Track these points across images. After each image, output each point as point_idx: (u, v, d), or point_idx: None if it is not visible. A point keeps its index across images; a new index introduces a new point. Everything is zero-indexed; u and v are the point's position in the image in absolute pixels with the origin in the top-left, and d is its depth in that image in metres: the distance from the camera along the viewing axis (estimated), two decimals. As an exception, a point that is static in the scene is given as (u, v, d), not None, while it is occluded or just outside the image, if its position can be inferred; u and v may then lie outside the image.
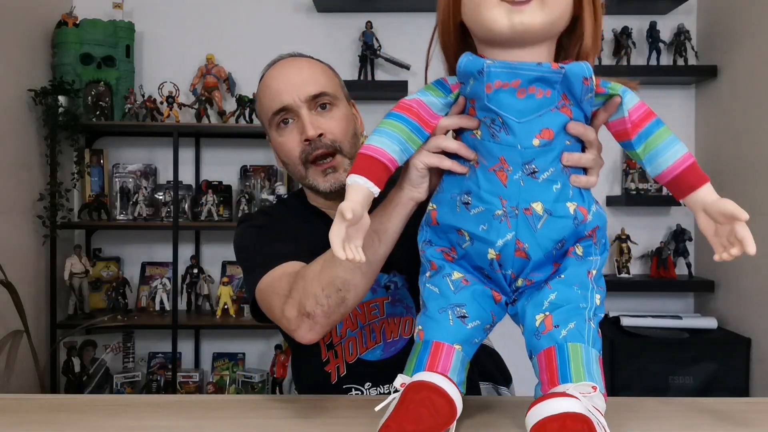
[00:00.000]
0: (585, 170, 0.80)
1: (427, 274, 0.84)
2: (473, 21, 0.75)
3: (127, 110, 2.61)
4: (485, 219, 0.77)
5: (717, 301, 2.64)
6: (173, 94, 2.63)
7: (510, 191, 0.75)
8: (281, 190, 2.66)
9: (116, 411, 0.93)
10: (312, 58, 1.17)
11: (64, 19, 2.61)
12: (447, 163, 0.81)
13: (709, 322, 2.56)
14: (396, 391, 0.77)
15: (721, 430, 0.83)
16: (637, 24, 2.74)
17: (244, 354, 2.78)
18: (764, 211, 2.31)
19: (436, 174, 0.85)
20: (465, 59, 0.77)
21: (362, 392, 1.13)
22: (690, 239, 2.72)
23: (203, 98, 2.64)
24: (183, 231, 2.68)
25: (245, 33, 2.79)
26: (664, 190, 2.52)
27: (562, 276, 0.78)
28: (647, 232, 2.79)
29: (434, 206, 0.83)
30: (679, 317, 2.60)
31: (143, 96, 2.65)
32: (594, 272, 0.79)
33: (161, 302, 2.69)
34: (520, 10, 0.71)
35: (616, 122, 0.77)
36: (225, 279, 2.68)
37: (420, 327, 0.82)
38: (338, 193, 1.10)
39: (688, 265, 2.71)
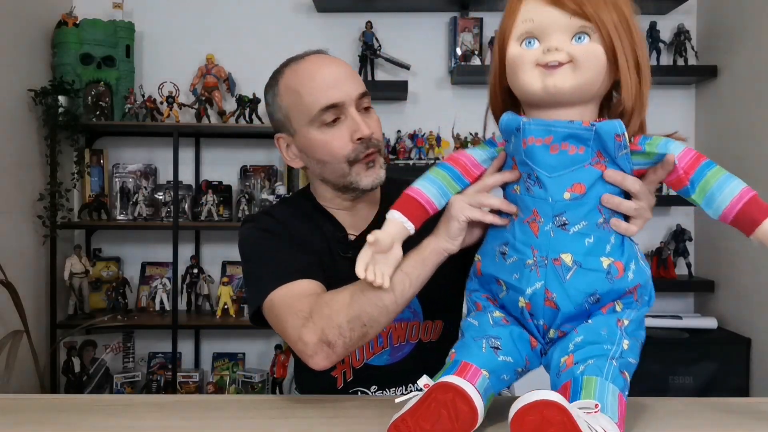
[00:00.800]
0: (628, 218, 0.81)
1: (471, 314, 0.88)
2: (513, 84, 0.81)
3: (127, 110, 2.61)
4: (518, 268, 0.81)
5: (717, 301, 2.64)
6: (173, 94, 2.63)
7: (541, 241, 0.79)
8: (281, 190, 2.66)
9: (116, 411, 0.93)
10: None
11: (64, 19, 2.61)
12: (489, 218, 0.85)
13: (709, 322, 2.56)
14: (419, 390, 0.77)
15: (721, 430, 0.83)
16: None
17: (244, 354, 2.77)
18: (764, 211, 2.31)
19: (480, 228, 0.90)
20: (506, 117, 0.84)
21: (368, 395, 1.13)
22: (690, 239, 2.72)
23: (203, 98, 2.64)
24: (183, 231, 2.68)
25: (245, 33, 2.79)
26: (664, 190, 2.52)
27: (590, 321, 0.79)
28: (647, 232, 2.78)
29: (479, 258, 0.88)
30: (679, 317, 2.60)
31: (143, 96, 2.65)
32: (626, 322, 0.79)
33: (161, 302, 2.68)
34: (552, 73, 0.76)
35: (669, 174, 0.79)
36: (225, 279, 2.68)
37: (453, 351, 0.84)
38: (352, 191, 1.10)
39: (688, 265, 2.71)
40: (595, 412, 0.69)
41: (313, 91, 1.05)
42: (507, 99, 0.86)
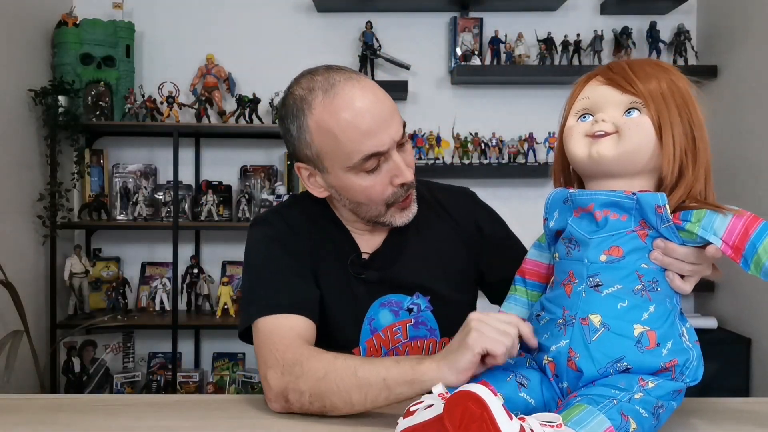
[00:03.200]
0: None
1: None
2: (567, 153, 0.85)
3: (127, 110, 2.61)
4: (549, 328, 0.81)
5: (717, 301, 2.64)
6: (173, 94, 2.63)
7: (572, 301, 0.79)
8: (281, 190, 2.66)
9: (116, 411, 0.93)
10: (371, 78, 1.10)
11: (64, 19, 2.61)
12: (502, 359, 0.80)
13: (709, 322, 2.56)
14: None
15: (721, 430, 0.83)
16: (637, 24, 2.74)
17: (244, 354, 2.77)
18: (764, 211, 2.30)
19: (491, 360, 0.82)
20: (554, 192, 0.87)
21: None
22: (690, 239, 2.72)
23: (203, 98, 2.64)
24: (183, 231, 2.68)
25: (245, 33, 2.79)
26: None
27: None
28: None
29: None
30: (679, 317, 2.59)
31: (143, 96, 2.65)
32: (651, 384, 0.75)
33: (161, 302, 2.68)
34: (597, 142, 0.80)
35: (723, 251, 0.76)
36: (225, 279, 2.68)
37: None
38: (382, 225, 1.07)
39: (688, 265, 2.70)
40: (557, 426, 0.66)
41: (354, 137, 0.96)
42: (567, 173, 0.90)
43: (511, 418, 0.63)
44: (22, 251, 2.44)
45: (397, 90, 2.62)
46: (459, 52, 2.70)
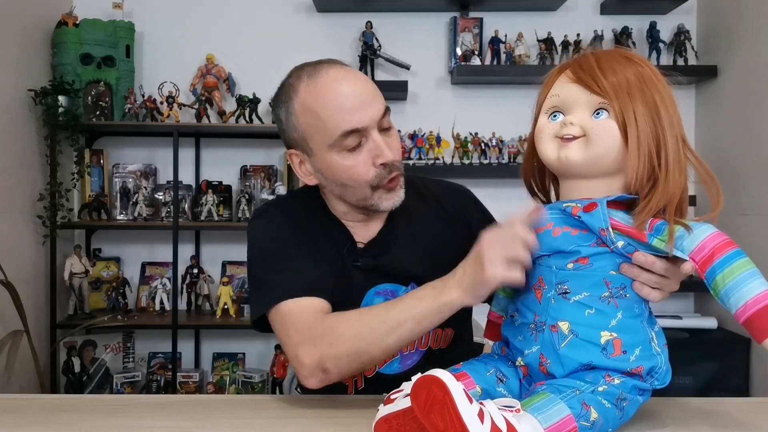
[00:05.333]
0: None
1: (495, 351, 0.91)
2: (539, 154, 0.86)
3: (127, 110, 2.61)
4: (522, 331, 0.83)
5: (717, 302, 2.64)
6: (173, 94, 2.63)
7: (542, 307, 0.81)
8: (281, 190, 2.65)
9: (116, 411, 0.93)
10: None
11: (64, 19, 2.61)
12: (518, 279, 0.82)
13: (709, 322, 2.56)
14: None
15: (721, 430, 0.83)
16: (637, 24, 2.73)
17: (244, 354, 2.77)
18: (764, 211, 2.31)
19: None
20: None
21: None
22: (690, 239, 2.72)
23: (203, 98, 2.64)
24: (183, 231, 2.68)
25: (245, 33, 2.79)
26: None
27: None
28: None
29: (501, 324, 0.92)
30: (679, 317, 2.59)
31: (143, 96, 2.65)
32: (616, 381, 0.76)
33: (161, 302, 2.68)
34: (566, 145, 0.81)
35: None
36: (225, 279, 2.68)
37: (460, 364, 0.86)
38: (372, 211, 1.08)
39: (688, 265, 2.70)
40: (516, 410, 0.69)
41: (334, 114, 0.99)
42: (538, 167, 0.91)
43: (471, 402, 0.67)
44: (22, 251, 2.44)
45: (397, 90, 2.63)
46: (459, 52, 2.70)
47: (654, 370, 0.79)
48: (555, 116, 0.83)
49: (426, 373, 0.68)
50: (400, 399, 0.74)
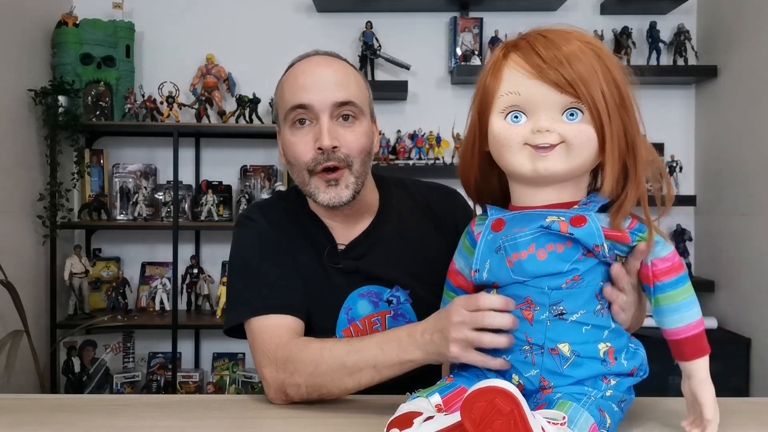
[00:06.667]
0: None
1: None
2: (499, 160, 0.76)
3: (127, 110, 2.61)
4: (514, 352, 0.76)
5: (717, 301, 2.64)
6: (173, 94, 2.63)
7: (535, 329, 0.75)
8: (281, 190, 2.66)
9: (116, 411, 0.93)
10: (348, 63, 1.11)
11: (64, 19, 2.61)
12: (487, 339, 0.77)
13: (709, 322, 2.56)
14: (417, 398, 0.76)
15: (721, 430, 0.84)
16: (637, 24, 2.73)
17: (244, 354, 2.77)
18: (764, 211, 2.31)
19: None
20: (482, 241, 0.79)
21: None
22: (690, 239, 2.72)
23: (203, 98, 2.64)
24: (183, 231, 2.68)
25: (245, 33, 2.79)
26: (664, 189, 2.52)
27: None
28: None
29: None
30: (679, 317, 2.59)
31: (143, 96, 2.65)
32: (612, 381, 0.76)
33: (161, 302, 2.68)
34: (543, 156, 0.72)
35: (643, 265, 0.77)
36: (225, 279, 2.67)
37: (450, 376, 0.82)
38: (323, 207, 1.07)
39: (688, 265, 2.70)
40: (562, 424, 0.65)
41: (291, 89, 1.05)
42: (485, 164, 0.80)
43: (534, 417, 0.63)
44: (22, 251, 2.44)
45: (397, 90, 2.63)
46: (459, 52, 2.70)
47: (642, 365, 0.80)
48: (517, 118, 0.73)
49: (483, 384, 0.63)
50: (419, 424, 0.68)
